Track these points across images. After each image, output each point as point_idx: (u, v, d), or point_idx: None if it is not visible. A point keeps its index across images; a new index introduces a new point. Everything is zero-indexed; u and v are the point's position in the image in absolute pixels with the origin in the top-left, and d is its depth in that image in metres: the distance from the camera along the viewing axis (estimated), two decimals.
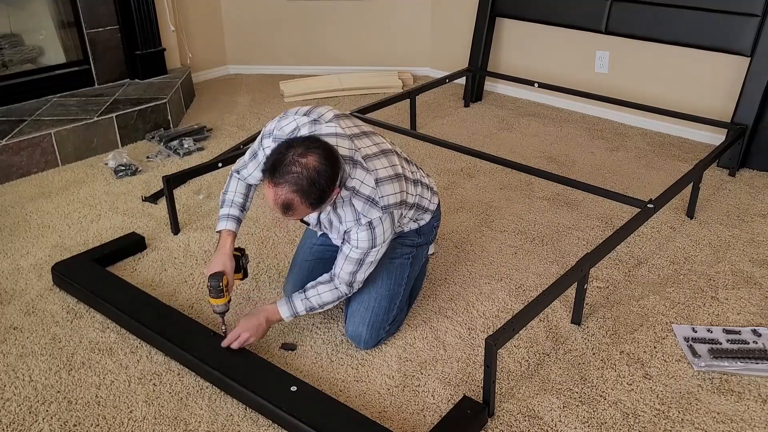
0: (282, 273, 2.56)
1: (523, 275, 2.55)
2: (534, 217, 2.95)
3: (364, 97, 4.38)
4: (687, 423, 1.87)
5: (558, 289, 2.07)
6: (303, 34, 4.87)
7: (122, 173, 3.35)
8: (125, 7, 4.03)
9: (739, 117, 3.35)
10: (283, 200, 1.75)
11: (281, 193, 1.74)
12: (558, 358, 2.12)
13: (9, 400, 1.96)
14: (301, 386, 1.89)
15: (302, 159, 1.73)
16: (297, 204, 1.76)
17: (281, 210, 1.78)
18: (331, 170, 1.76)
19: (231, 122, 4.06)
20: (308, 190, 1.73)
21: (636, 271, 2.57)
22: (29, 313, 2.34)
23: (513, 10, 4.12)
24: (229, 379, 1.93)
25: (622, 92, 3.94)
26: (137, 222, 2.92)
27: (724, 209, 3.01)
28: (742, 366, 2.06)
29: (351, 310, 2.15)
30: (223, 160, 2.96)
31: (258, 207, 3.05)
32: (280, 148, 1.78)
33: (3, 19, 3.84)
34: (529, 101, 4.39)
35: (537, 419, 1.89)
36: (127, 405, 1.94)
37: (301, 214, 1.83)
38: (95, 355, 2.14)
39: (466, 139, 3.77)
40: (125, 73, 4.18)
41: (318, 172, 1.73)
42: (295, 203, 1.76)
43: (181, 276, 2.55)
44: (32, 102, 3.76)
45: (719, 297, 2.41)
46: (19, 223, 2.93)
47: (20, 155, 3.31)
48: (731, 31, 3.32)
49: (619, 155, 3.58)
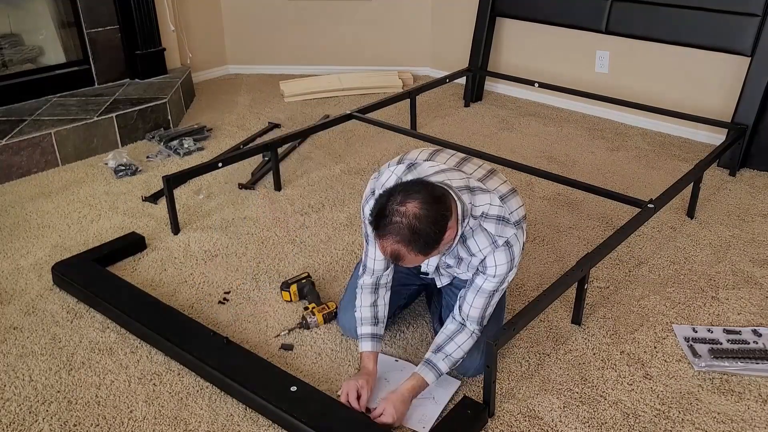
0: (282, 273, 2.56)
1: (523, 275, 2.55)
2: (534, 217, 2.95)
3: (364, 97, 4.38)
4: (687, 423, 1.87)
5: (558, 289, 2.07)
6: (303, 34, 4.87)
7: (122, 173, 3.35)
8: (125, 7, 4.03)
9: (740, 117, 3.35)
10: (390, 252, 1.68)
11: (387, 245, 1.67)
12: (558, 358, 2.12)
13: (9, 400, 1.96)
14: (301, 386, 1.88)
15: (401, 208, 1.64)
16: (405, 254, 1.67)
17: (393, 261, 1.71)
18: (435, 213, 1.66)
19: (231, 122, 4.06)
20: (411, 239, 1.64)
21: (636, 271, 2.57)
22: (29, 313, 2.34)
23: (513, 10, 4.12)
24: (229, 379, 1.93)
25: (623, 92, 3.94)
26: (137, 222, 2.92)
27: (725, 209, 3.01)
28: (742, 366, 2.06)
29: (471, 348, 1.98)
30: (223, 160, 2.96)
31: (258, 207, 3.05)
32: (381, 197, 1.70)
33: (3, 19, 3.84)
34: (529, 101, 4.39)
35: (537, 419, 1.88)
36: (127, 405, 1.94)
37: (415, 262, 1.72)
38: (95, 355, 2.14)
39: (466, 139, 3.77)
40: (125, 73, 4.18)
41: (419, 218, 1.63)
42: (402, 253, 1.67)
43: (181, 276, 2.55)
44: (32, 102, 3.76)
45: (719, 297, 2.41)
46: (19, 223, 2.93)
47: (20, 155, 3.31)
48: (731, 31, 3.31)
49: (619, 155, 3.58)
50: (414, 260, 1.71)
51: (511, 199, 1.85)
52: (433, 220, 1.65)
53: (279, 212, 3.01)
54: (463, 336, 1.90)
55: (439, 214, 1.67)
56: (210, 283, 2.50)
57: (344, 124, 3.66)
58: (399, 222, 1.63)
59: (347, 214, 2.99)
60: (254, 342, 2.20)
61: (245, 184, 3.24)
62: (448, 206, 1.71)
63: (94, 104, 3.75)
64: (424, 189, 1.68)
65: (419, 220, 1.63)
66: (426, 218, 1.64)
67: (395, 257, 1.68)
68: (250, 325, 2.28)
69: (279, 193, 3.18)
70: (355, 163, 3.49)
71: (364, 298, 2.04)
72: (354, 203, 3.07)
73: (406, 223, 1.63)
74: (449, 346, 1.90)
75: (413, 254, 1.67)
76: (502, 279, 1.85)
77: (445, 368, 1.89)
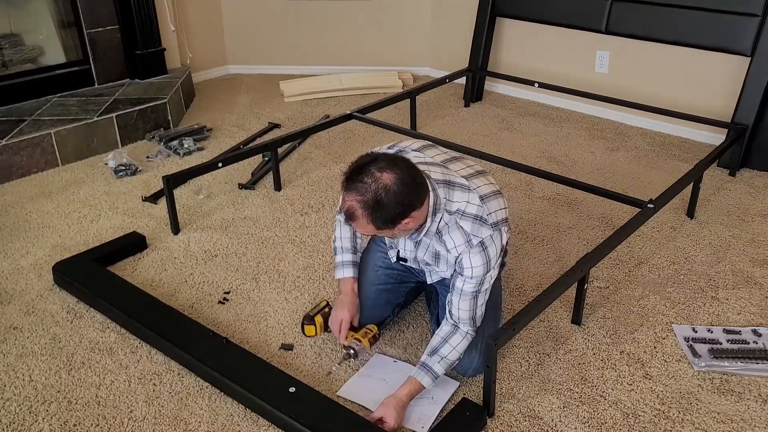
0: (282, 273, 2.56)
1: (523, 275, 2.55)
2: (534, 217, 2.95)
3: (364, 97, 4.38)
4: (687, 423, 1.87)
5: (558, 289, 2.07)
6: (303, 34, 4.87)
7: (122, 173, 3.35)
8: (125, 7, 4.03)
9: (740, 117, 3.35)
10: (347, 208, 1.69)
11: (348, 201, 1.69)
12: (558, 358, 2.12)
13: (9, 400, 1.96)
14: (300, 387, 1.88)
15: (378, 173, 1.65)
16: (358, 216, 1.69)
17: (345, 217, 1.72)
18: (405, 195, 1.66)
19: (231, 122, 4.06)
20: (371, 206, 1.66)
21: (636, 271, 2.57)
22: (29, 313, 2.34)
23: (513, 10, 4.12)
24: (227, 380, 1.93)
25: (622, 92, 3.94)
26: (137, 222, 2.92)
27: (725, 209, 3.01)
28: (742, 366, 2.06)
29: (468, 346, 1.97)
30: (223, 160, 2.96)
31: (258, 207, 3.05)
32: (365, 157, 1.71)
33: (3, 19, 3.84)
34: (529, 101, 4.39)
35: (537, 419, 1.89)
36: (127, 405, 1.94)
37: (364, 229, 1.74)
38: (95, 355, 2.14)
39: (466, 139, 3.77)
40: (125, 73, 4.18)
41: (387, 191, 1.64)
42: (356, 214, 1.68)
43: (181, 276, 2.55)
44: (32, 102, 3.76)
45: (719, 297, 2.41)
46: (19, 223, 2.93)
47: (20, 155, 3.31)
48: (731, 31, 3.31)
49: (619, 155, 3.58)
50: (364, 227, 1.73)
51: (492, 200, 1.85)
52: (400, 201, 1.67)
53: (279, 212, 3.01)
54: (458, 337, 1.89)
55: (409, 198, 1.69)
56: (210, 283, 2.50)
57: (344, 124, 3.66)
58: (368, 185, 1.66)
59: None
60: (254, 342, 2.20)
61: (245, 184, 3.24)
62: (420, 197, 1.72)
63: (94, 104, 3.75)
64: (408, 170, 1.70)
65: (387, 193, 1.65)
66: (395, 195, 1.66)
67: (349, 215, 1.71)
68: (250, 325, 2.28)
69: (279, 193, 3.18)
70: None
71: (343, 229, 2.12)
72: None
73: (374, 188, 1.65)
74: (444, 348, 1.89)
75: (365, 221, 1.70)
76: (479, 281, 1.84)
77: (440, 371, 1.88)
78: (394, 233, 1.80)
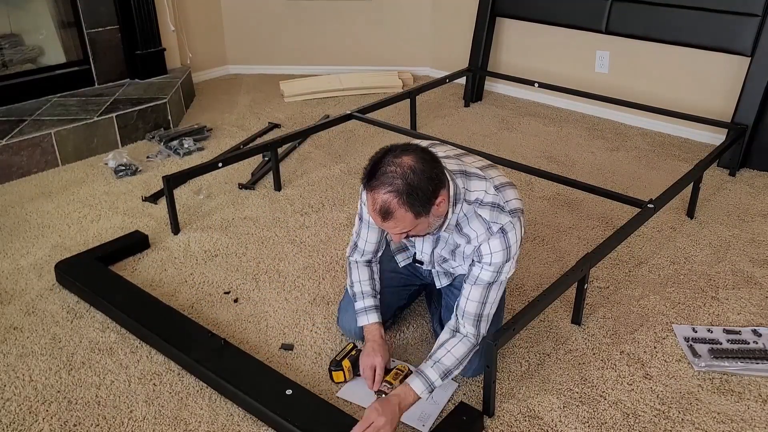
0: (282, 273, 2.56)
1: (523, 275, 2.55)
2: (534, 217, 2.95)
3: (364, 97, 4.38)
4: (687, 423, 1.87)
5: (558, 289, 2.07)
6: (303, 34, 4.87)
7: (122, 173, 3.35)
8: (125, 7, 4.03)
9: (740, 117, 3.35)
10: (381, 204, 1.61)
11: (378, 197, 1.61)
12: (558, 358, 2.12)
13: (9, 400, 1.96)
14: (297, 390, 1.87)
15: (398, 159, 1.61)
16: (395, 207, 1.61)
17: (381, 217, 1.64)
18: (431, 170, 1.62)
19: (231, 122, 4.06)
20: (405, 190, 1.59)
21: (636, 271, 2.57)
22: (29, 313, 2.34)
23: (513, 10, 4.12)
24: (225, 382, 1.92)
25: (622, 92, 3.94)
26: (137, 222, 2.92)
27: (725, 209, 3.01)
28: (742, 366, 2.06)
29: None
30: (223, 160, 2.96)
31: (258, 207, 3.05)
32: (375, 154, 1.65)
33: (3, 19, 3.84)
34: (529, 101, 4.39)
35: (537, 419, 1.89)
36: (127, 405, 1.94)
37: (402, 223, 1.65)
38: (95, 355, 2.14)
39: (466, 139, 3.77)
40: (125, 73, 4.18)
41: (414, 170, 1.59)
42: (392, 206, 1.61)
43: (181, 276, 2.55)
44: (32, 102, 3.76)
45: (719, 297, 2.41)
46: (19, 223, 2.93)
47: (20, 155, 3.31)
48: (731, 31, 3.32)
49: (619, 155, 3.58)
50: (402, 220, 1.65)
51: (508, 189, 1.83)
52: (428, 176, 1.63)
53: (279, 212, 3.01)
54: (454, 340, 1.85)
55: (435, 173, 1.65)
56: (210, 283, 2.50)
57: (344, 124, 3.67)
58: (393, 172, 1.61)
59: (347, 214, 2.99)
60: (254, 342, 2.20)
61: (245, 184, 3.24)
62: (443, 171, 1.69)
63: (94, 104, 3.75)
64: (422, 150, 1.67)
65: (414, 173, 1.61)
66: (422, 172, 1.62)
67: (384, 212, 1.63)
68: (250, 325, 2.28)
69: (279, 193, 3.18)
70: (355, 163, 3.49)
71: (361, 272, 2.04)
72: (354, 203, 3.07)
73: (401, 173, 1.60)
74: (439, 352, 1.84)
75: (403, 210, 1.62)
76: (498, 269, 1.81)
77: (434, 376, 1.80)
78: (430, 223, 1.72)
